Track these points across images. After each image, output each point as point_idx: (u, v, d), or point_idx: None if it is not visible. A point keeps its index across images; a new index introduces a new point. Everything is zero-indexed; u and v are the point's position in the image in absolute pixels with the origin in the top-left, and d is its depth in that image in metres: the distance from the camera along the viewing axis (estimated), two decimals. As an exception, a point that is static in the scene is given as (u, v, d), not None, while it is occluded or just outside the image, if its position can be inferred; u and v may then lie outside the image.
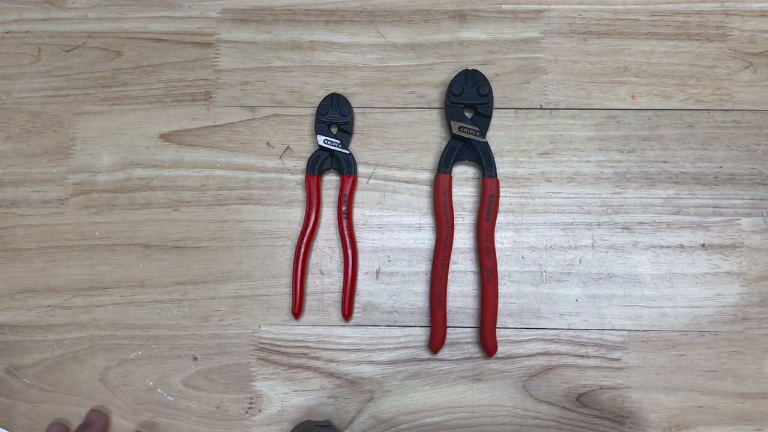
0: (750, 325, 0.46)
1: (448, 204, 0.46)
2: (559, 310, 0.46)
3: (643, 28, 0.51)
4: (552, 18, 0.51)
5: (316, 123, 0.49)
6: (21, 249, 0.48)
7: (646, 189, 0.48)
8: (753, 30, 0.51)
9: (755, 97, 0.50)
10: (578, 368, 0.46)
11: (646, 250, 0.47)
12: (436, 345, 0.45)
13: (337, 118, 0.49)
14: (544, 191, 0.48)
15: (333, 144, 0.48)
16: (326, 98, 0.49)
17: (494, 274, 0.45)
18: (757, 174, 0.48)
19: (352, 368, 0.46)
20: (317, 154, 0.48)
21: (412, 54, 0.51)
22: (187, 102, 0.50)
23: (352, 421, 0.45)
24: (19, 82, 0.51)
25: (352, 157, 0.48)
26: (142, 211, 0.49)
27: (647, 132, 0.49)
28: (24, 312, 0.47)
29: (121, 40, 0.52)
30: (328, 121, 0.49)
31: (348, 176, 0.48)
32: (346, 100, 0.49)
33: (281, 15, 0.52)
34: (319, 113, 0.49)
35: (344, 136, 0.49)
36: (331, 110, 0.49)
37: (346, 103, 0.49)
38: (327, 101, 0.49)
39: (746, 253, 0.47)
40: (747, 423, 0.45)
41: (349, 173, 0.48)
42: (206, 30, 0.52)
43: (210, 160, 0.49)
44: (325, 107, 0.49)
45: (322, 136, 0.48)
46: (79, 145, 0.50)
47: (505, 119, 0.50)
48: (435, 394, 0.45)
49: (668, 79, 0.50)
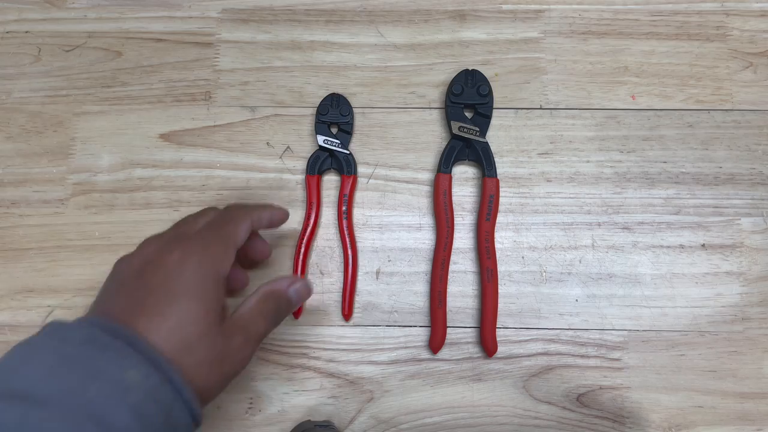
0: (750, 325, 0.46)
1: (448, 204, 0.46)
2: (559, 310, 0.46)
3: (643, 28, 0.51)
4: (552, 18, 0.51)
5: (316, 123, 0.49)
6: (21, 249, 0.48)
7: (646, 189, 0.48)
8: (753, 30, 0.51)
9: (755, 97, 0.50)
10: (578, 368, 0.46)
11: (646, 250, 0.47)
12: (436, 345, 0.45)
13: (337, 118, 0.49)
14: (544, 191, 0.48)
15: (333, 144, 0.48)
16: (326, 98, 0.49)
17: (494, 274, 0.45)
18: (757, 174, 0.48)
19: (352, 368, 0.46)
20: (317, 154, 0.48)
21: (412, 54, 0.51)
22: (187, 102, 0.50)
23: (352, 421, 0.45)
24: (19, 82, 0.51)
25: (352, 157, 0.48)
26: (143, 211, 0.49)
27: (647, 132, 0.49)
28: (24, 312, 0.47)
29: (121, 40, 0.52)
30: (328, 121, 0.49)
31: (348, 176, 0.48)
32: (346, 100, 0.49)
33: (281, 15, 0.52)
34: (319, 113, 0.49)
35: (344, 136, 0.49)
36: (331, 110, 0.49)
37: (346, 103, 0.49)
38: (327, 101, 0.49)
39: (746, 253, 0.47)
40: (747, 423, 0.45)
41: (349, 173, 0.48)
42: (206, 30, 0.52)
43: (210, 160, 0.49)
44: (325, 107, 0.49)
45: (322, 136, 0.48)
46: (79, 145, 0.50)
47: (505, 119, 0.50)
48: (435, 394, 0.45)
49: (668, 79, 0.50)
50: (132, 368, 0.29)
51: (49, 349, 0.29)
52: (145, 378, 0.29)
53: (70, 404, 0.26)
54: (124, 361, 0.29)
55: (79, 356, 0.28)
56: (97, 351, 0.29)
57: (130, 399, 0.28)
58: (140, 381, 0.28)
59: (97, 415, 0.26)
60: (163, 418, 0.29)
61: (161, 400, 0.29)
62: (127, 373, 0.28)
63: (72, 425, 0.26)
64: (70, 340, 0.29)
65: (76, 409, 0.26)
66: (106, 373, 0.28)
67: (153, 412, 0.29)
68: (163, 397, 0.29)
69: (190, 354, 0.32)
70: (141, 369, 0.29)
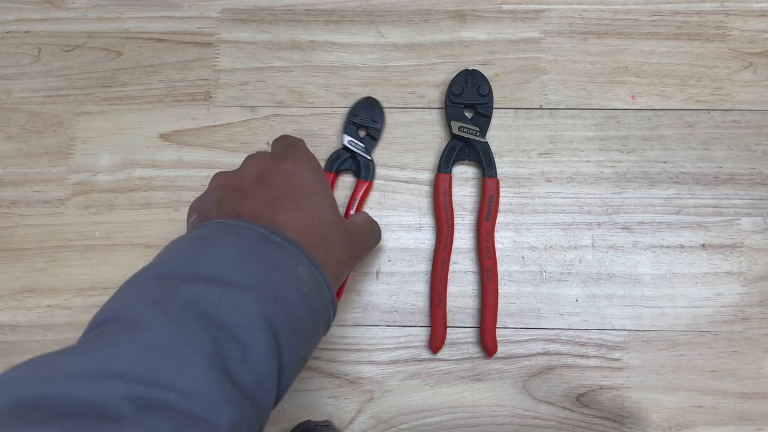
0: (750, 325, 0.46)
1: (448, 204, 0.46)
2: (559, 310, 0.46)
3: (643, 28, 0.51)
4: (552, 18, 0.51)
5: (346, 123, 0.49)
6: (21, 249, 0.48)
7: (646, 189, 0.48)
8: (753, 30, 0.51)
9: (755, 97, 0.50)
10: (578, 368, 0.46)
11: (646, 250, 0.47)
12: (436, 345, 0.45)
13: (368, 122, 0.49)
14: (544, 191, 0.48)
15: (357, 147, 0.48)
16: (361, 101, 0.49)
17: (494, 274, 0.45)
18: (757, 174, 0.48)
19: (352, 368, 0.46)
20: (339, 152, 0.48)
21: (412, 54, 0.51)
22: (187, 102, 0.50)
23: (352, 421, 0.45)
24: (19, 82, 0.51)
25: (372, 164, 0.48)
26: (143, 211, 0.49)
27: (647, 132, 0.49)
28: (24, 312, 0.47)
29: (121, 40, 0.52)
30: (358, 123, 0.49)
31: (365, 181, 0.47)
32: (380, 106, 0.49)
33: (281, 15, 0.52)
34: (352, 114, 0.49)
35: (370, 142, 0.49)
36: (363, 113, 0.49)
37: (380, 109, 0.49)
38: (361, 104, 0.49)
39: (746, 253, 0.47)
40: (747, 423, 0.45)
41: (367, 179, 0.48)
42: (206, 30, 0.52)
43: (210, 160, 0.49)
44: (359, 109, 0.49)
45: (348, 137, 0.48)
46: (79, 145, 0.50)
47: (505, 119, 0.50)
48: (435, 394, 0.45)
49: (668, 79, 0.50)
50: (301, 264, 0.31)
51: (228, 244, 0.30)
52: (310, 274, 0.31)
53: (261, 287, 0.29)
54: (294, 258, 0.31)
55: (257, 250, 0.30)
56: (271, 247, 0.31)
57: (302, 290, 0.30)
58: (308, 276, 0.31)
59: (281, 300, 0.29)
60: (321, 312, 0.32)
61: (322, 296, 0.32)
62: (298, 268, 0.31)
63: (263, 307, 0.28)
64: (246, 237, 0.31)
65: (266, 293, 0.29)
66: (282, 266, 0.30)
67: (318, 305, 0.31)
68: (322, 293, 0.32)
69: (328, 248, 0.34)
70: (308, 266, 0.31)
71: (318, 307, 0.31)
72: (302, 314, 0.30)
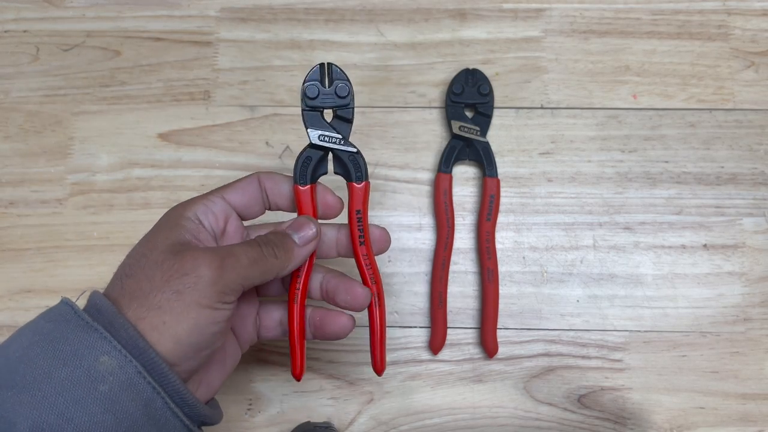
0: (752, 326, 0.46)
1: (448, 204, 0.46)
2: (560, 311, 0.46)
3: (645, 27, 0.51)
4: (553, 17, 0.51)
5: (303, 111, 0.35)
6: (19, 249, 0.48)
7: (647, 189, 0.48)
8: (755, 29, 0.51)
9: (757, 96, 0.49)
10: (579, 369, 0.45)
11: (647, 251, 0.47)
12: (437, 346, 0.45)
13: (332, 99, 0.35)
14: (545, 191, 0.48)
15: (333, 140, 0.35)
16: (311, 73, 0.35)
17: (495, 274, 0.45)
18: (759, 174, 0.48)
19: (351, 369, 0.46)
20: (308, 155, 0.35)
21: (412, 53, 0.51)
22: (185, 101, 0.50)
23: (352, 423, 0.45)
24: (17, 81, 0.51)
25: (360, 157, 0.35)
26: (141, 211, 0.48)
27: (649, 132, 0.49)
28: (22, 312, 0.47)
29: (120, 39, 0.51)
30: (319, 106, 0.35)
31: (358, 184, 0.35)
32: (338, 69, 0.35)
33: (281, 14, 0.52)
34: (306, 97, 0.35)
35: (343, 126, 0.35)
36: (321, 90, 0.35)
37: (341, 76, 0.35)
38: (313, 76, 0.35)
39: (748, 253, 0.47)
40: (749, 424, 0.44)
41: (360, 180, 0.35)
42: (205, 29, 0.52)
43: (209, 160, 0.49)
44: (312, 88, 0.35)
45: (316, 131, 0.35)
46: (78, 145, 0.50)
47: (505, 119, 0.49)
48: (435, 396, 0.45)
49: (670, 78, 0.50)
50: (104, 354, 0.26)
51: (28, 330, 0.27)
52: (119, 365, 0.26)
53: (40, 387, 0.25)
54: (96, 342, 0.26)
55: (53, 336, 0.26)
56: (70, 329, 0.26)
57: (99, 389, 0.25)
58: (114, 368, 0.26)
59: (67, 404, 0.24)
60: (145, 419, 0.26)
61: (141, 395, 0.26)
62: (99, 358, 0.26)
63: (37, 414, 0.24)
64: (52, 319, 0.27)
65: (46, 394, 0.24)
66: (78, 355, 0.25)
67: (133, 409, 0.26)
68: (141, 391, 0.26)
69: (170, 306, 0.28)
70: (115, 355, 0.26)
71: (134, 412, 0.26)
72: (100, 422, 0.24)
